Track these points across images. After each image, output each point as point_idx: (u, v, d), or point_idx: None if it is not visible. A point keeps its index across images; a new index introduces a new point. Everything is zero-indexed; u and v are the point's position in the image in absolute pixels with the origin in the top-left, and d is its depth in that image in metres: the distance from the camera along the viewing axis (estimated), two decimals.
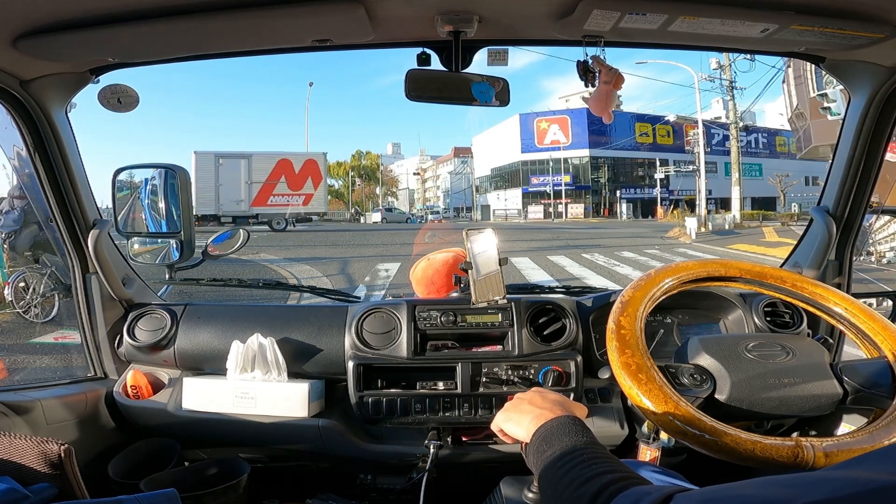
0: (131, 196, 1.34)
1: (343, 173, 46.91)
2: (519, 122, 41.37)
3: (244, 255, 8.63)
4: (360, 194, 46.68)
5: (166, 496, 0.77)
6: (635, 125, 39.23)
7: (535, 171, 41.26)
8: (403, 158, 70.22)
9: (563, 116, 41.15)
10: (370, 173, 48.17)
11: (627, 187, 39.88)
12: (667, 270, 0.92)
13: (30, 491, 0.72)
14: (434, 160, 66.02)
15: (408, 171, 63.87)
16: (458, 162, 56.28)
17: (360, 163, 48.05)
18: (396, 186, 59.62)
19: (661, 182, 37.14)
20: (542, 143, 40.52)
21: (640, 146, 39.77)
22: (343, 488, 1.32)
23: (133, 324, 1.31)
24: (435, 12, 0.96)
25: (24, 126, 1.14)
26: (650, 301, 0.87)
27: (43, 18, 0.90)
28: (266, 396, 1.18)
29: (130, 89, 1.16)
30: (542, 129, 40.59)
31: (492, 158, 45.64)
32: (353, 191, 45.67)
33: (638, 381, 0.75)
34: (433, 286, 1.36)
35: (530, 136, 40.96)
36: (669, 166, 34.84)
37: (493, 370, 1.17)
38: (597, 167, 39.96)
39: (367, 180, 47.93)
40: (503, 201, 43.31)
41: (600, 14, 0.90)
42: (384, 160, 58.12)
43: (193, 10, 0.90)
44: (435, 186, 65.10)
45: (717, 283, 0.97)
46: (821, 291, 0.92)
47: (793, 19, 0.91)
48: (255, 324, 1.26)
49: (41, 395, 1.16)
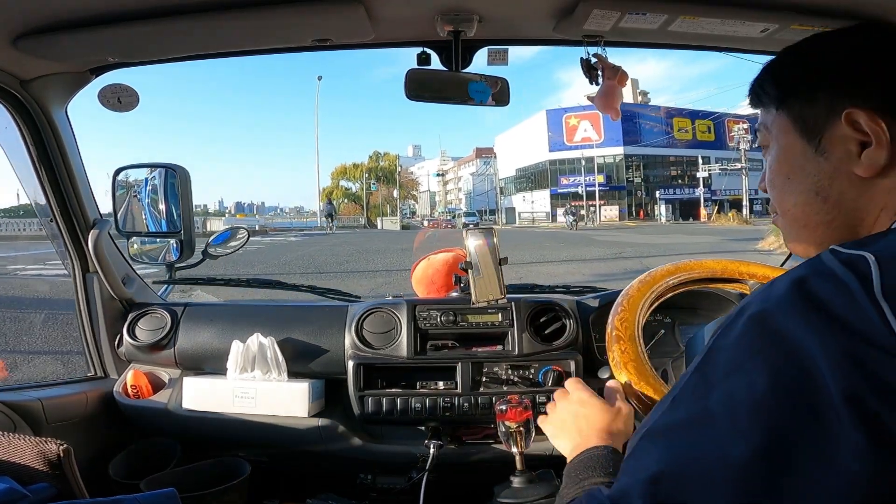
0: (127, 195, 1.33)
1: (359, 175, 44.22)
2: (546, 119, 38.36)
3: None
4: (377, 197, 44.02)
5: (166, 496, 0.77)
6: (673, 120, 36.58)
7: (564, 170, 38.24)
8: (424, 160, 68.61)
9: (594, 112, 36.56)
10: (388, 175, 45.37)
11: (665, 187, 36.34)
12: (667, 270, 0.92)
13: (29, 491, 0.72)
14: (455, 161, 64.56)
15: (428, 174, 62.06)
16: (481, 163, 54.30)
17: (378, 164, 45.40)
18: (417, 189, 57.07)
19: (704, 181, 33.65)
20: (572, 140, 37.37)
21: (678, 143, 36.76)
22: (343, 488, 1.32)
23: (133, 323, 1.31)
24: (435, 12, 0.96)
25: (24, 126, 1.14)
26: (650, 301, 0.87)
27: (43, 18, 0.90)
28: (266, 396, 1.18)
29: (131, 89, 1.16)
30: (571, 126, 37.33)
31: (516, 158, 42.87)
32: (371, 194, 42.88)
33: (636, 379, 0.75)
34: (433, 286, 1.36)
35: (559, 133, 37.87)
36: (712, 164, 32.60)
37: (494, 370, 1.17)
38: (631, 166, 36.74)
39: (385, 183, 45.03)
40: (529, 203, 40.73)
41: (600, 14, 0.90)
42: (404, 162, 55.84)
43: (193, 9, 0.90)
44: (456, 189, 63.40)
45: (719, 285, 0.97)
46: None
47: (793, 19, 0.91)
48: (256, 323, 1.26)
49: (42, 394, 1.16)
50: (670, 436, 0.40)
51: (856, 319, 0.35)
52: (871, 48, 0.49)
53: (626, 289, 0.89)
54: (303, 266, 9.52)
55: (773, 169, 0.54)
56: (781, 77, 0.53)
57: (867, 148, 0.46)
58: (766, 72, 0.55)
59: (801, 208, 0.52)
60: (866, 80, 0.48)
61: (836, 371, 0.34)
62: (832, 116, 0.48)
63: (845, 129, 0.47)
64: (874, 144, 0.46)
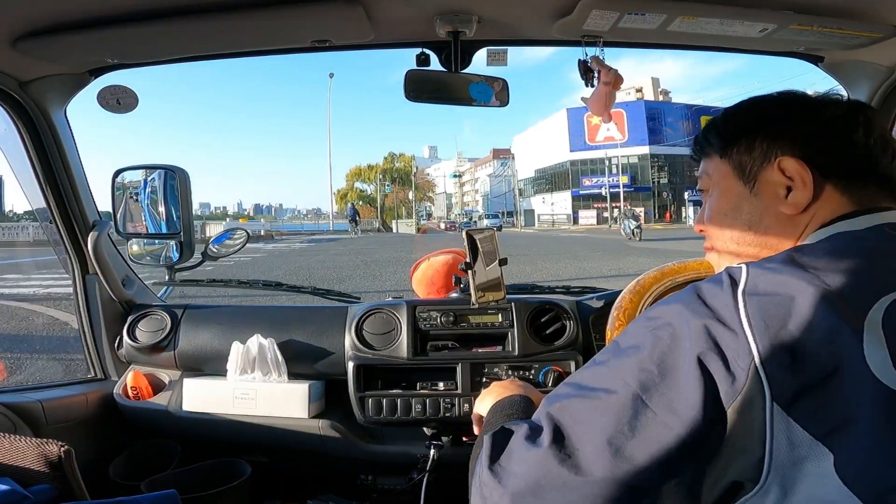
0: (123, 196, 1.33)
1: (374, 177, 42.95)
2: (567, 118, 37.28)
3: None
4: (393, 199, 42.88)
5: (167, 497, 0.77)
6: (701, 119, 34.61)
7: (586, 171, 37.39)
8: (440, 161, 68.04)
9: (617, 110, 33.05)
10: (404, 176, 44.37)
11: (693, 188, 33.75)
12: (668, 269, 0.92)
13: (30, 492, 0.72)
14: (472, 163, 64.10)
15: (445, 175, 61.47)
16: (498, 164, 53.56)
17: (393, 165, 44.40)
18: (433, 191, 56.05)
19: None
20: (594, 140, 36.35)
21: None
22: (343, 489, 1.32)
23: (133, 325, 1.31)
24: (434, 12, 0.96)
25: (23, 127, 1.14)
26: (650, 301, 0.87)
27: (42, 20, 0.90)
28: (266, 397, 1.18)
29: (130, 90, 1.16)
30: (593, 125, 35.95)
31: (535, 159, 41.91)
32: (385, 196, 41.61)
33: None
34: (433, 286, 1.36)
35: (580, 132, 36.75)
36: None
37: (494, 370, 1.17)
38: (657, 166, 35.89)
39: (400, 184, 43.99)
40: (549, 205, 40.07)
41: (599, 14, 0.90)
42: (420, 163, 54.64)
43: (192, 10, 0.90)
44: (473, 190, 62.89)
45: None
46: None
47: (792, 19, 0.91)
48: (256, 324, 1.26)
49: (42, 395, 1.16)
50: (578, 383, 0.53)
51: (719, 306, 0.47)
52: (797, 110, 0.60)
53: (626, 289, 0.89)
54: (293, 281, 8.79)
55: (714, 209, 0.63)
56: (726, 130, 0.63)
57: (792, 191, 0.56)
58: (712, 126, 0.65)
59: (736, 241, 0.61)
60: (795, 135, 0.58)
61: (694, 338, 0.46)
62: (766, 163, 0.58)
63: (776, 174, 0.57)
64: (800, 187, 0.56)
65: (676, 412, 0.45)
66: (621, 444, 0.46)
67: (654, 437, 0.45)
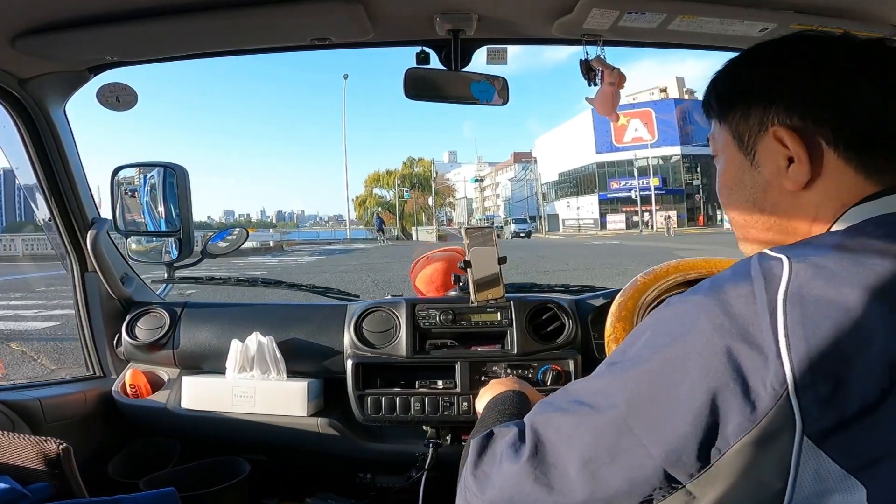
0: (124, 193, 1.33)
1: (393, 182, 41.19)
2: (592, 119, 35.24)
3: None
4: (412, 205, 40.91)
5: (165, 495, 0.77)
6: None
7: (613, 173, 35.51)
8: (460, 166, 67.05)
9: (646, 109, 34.29)
10: (423, 181, 42.35)
11: None
12: (669, 269, 0.92)
13: (28, 490, 0.72)
14: (492, 167, 63.10)
15: (465, 179, 59.78)
16: (519, 168, 52.62)
17: (412, 170, 42.49)
18: (453, 196, 53.70)
19: None
20: (622, 141, 34.68)
21: None
22: (342, 487, 1.32)
23: (132, 323, 1.31)
24: (434, 11, 0.96)
25: (22, 125, 1.14)
26: (649, 300, 0.87)
27: (41, 17, 0.90)
28: (265, 395, 1.18)
29: (129, 88, 1.16)
30: (620, 126, 34.31)
31: (559, 162, 40.17)
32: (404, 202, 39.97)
33: None
34: (432, 285, 1.36)
35: (606, 133, 35.01)
36: None
37: (493, 369, 1.17)
38: (690, 167, 33.81)
39: (420, 190, 41.91)
40: (574, 210, 38.08)
41: (599, 13, 0.90)
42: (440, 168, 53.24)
43: (192, 8, 0.90)
44: (494, 195, 61.93)
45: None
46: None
47: (792, 19, 0.91)
48: (255, 322, 1.26)
49: (40, 393, 1.16)
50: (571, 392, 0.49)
51: (747, 315, 0.39)
52: (795, 66, 0.49)
53: (626, 288, 0.89)
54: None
55: (720, 181, 0.56)
56: (724, 91, 0.54)
57: (793, 163, 0.48)
58: (712, 86, 0.56)
59: (743, 217, 0.54)
60: (790, 100, 0.48)
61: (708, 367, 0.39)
62: (763, 132, 0.50)
63: (774, 144, 0.49)
64: (796, 161, 0.47)
65: (663, 444, 0.40)
66: (597, 468, 0.42)
67: (634, 465, 0.41)
